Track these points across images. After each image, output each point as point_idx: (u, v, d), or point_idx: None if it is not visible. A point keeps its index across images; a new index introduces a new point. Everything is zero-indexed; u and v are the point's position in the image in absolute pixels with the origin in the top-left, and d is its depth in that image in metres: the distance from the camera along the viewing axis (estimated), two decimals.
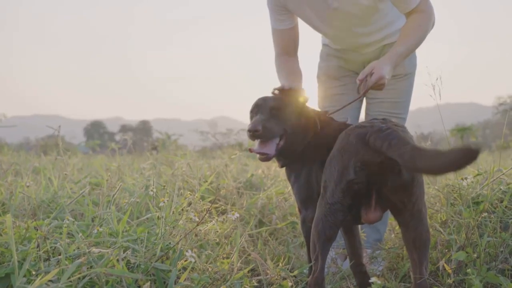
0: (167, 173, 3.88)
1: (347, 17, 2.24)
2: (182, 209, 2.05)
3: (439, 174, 1.44)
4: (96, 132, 75.81)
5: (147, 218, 2.12)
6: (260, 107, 2.00)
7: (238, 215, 1.87)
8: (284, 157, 2.05)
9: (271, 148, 1.94)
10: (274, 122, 1.95)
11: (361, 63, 2.50)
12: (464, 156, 1.30)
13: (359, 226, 2.14)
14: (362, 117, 2.61)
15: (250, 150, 1.97)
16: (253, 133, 1.90)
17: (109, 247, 1.75)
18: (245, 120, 2.25)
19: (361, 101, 2.54)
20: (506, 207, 2.29)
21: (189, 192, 2.16)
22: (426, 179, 2.51)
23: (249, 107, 2.09)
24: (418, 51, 2.37)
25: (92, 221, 2.28)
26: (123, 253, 1.65)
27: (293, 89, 2.04)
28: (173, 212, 1.95)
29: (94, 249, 1.64)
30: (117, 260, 1.59)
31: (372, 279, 1.30)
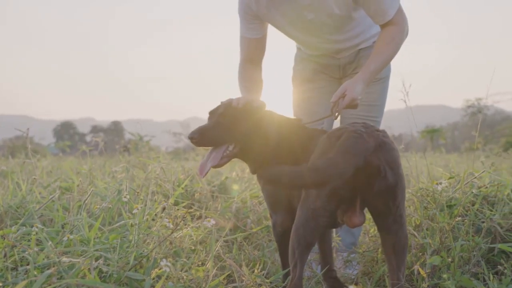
0: (140, 176, 3.81)
1: (322, 26, 2.24)
2: (156, 215, 2.01)
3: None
4: (66, 133, 74.64)
5: (120, 225, 2.07)
6: (212, 114, 2.03)
7: (214, 221, 1.84)
8: (250, 163, 2.08)
9: (215, 158, 1.97)
10: (220, 129, 1.97)
11: (336, 67, 2.50)
12: None
13: (333, 230, 2.14)
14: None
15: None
16: (190, 140, 1.95)
17: (80, 256, 1.70)
18: None
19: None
20: (477, 210, 2.33)
21: (163, 199, 2.12)
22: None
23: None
24: (399, 54, 2.38)
25: (62, 227, 2.21)
26: (95, 262, 1.60)
27: (249, 101, 2.04)
28: (146, 219, 1.91)
29: (65, 258, 1.58)
30: (89, 270, 1.54)
31: (351, 287, 1.29)
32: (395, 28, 2.11)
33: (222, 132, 1.98)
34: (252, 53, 2.37)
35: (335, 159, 1.48)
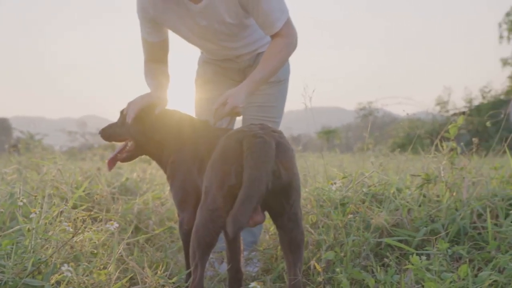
0: (33, 178, 3.62)
1: (216, 33, 2.28)
2: (54, 219, 1.94)
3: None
4: None
5: (14, 230, 1.97)
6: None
7: (117, 224, 1.82)
8: (158, 163, 2.18)
9: (115, 152, 2.19)
10: (121, 126, 2.19)
11: (236, 70, 2.55)
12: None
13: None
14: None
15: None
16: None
17: None
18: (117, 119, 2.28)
19: None
20: (367, 207, 2.50)
21: (63, 203, 2.05)
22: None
23: (121, 106, 2.24)
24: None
25: None
26: None
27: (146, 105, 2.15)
28: (45, 223, 1.84)
29: None
30: None
31: (252, 284, 1.34)
32: (282, 40, 2.17)
33: (117, 128, 2.20)
34: (155, 55, 2.38)
35: (258, 175, 1.52)
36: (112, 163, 2.18)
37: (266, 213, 1.81)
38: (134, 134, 2.15)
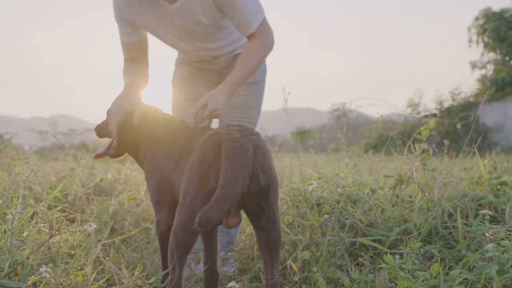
0: (5, 179, 3.55)
1: (192, 34, 2.28)
2: (30, 220, 1.92)
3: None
4: None
5: None
6: None
7: (95, 226, 1.81)
8: (137, 161, 2.22)
9: (103, 148, 2.30)
10: (103, 124, 2.29)
11: (213, 71, 2.56)
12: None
13: (218, 232, 2.20)
14: None
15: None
16: None
17: None
18: (90, 119, 2.32)
19: None
20: (342, 208, 2.54)
21: (41, 204, 2.03)
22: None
23: (95, 105, 2.27)
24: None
25: None
26: None
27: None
28: (22, 225, 1.81)
29: None
30: None
31: (230, 284, 1.36)
32: (259, 41, 2.18)
33: (104, 127, 2.29)
34: (133, 55, 2.38)
35: (232, 177, 1.54)
36: (100, 156, 2.28)
37: (243, 214, 1.83)
38: (114, 131, 2.21)
